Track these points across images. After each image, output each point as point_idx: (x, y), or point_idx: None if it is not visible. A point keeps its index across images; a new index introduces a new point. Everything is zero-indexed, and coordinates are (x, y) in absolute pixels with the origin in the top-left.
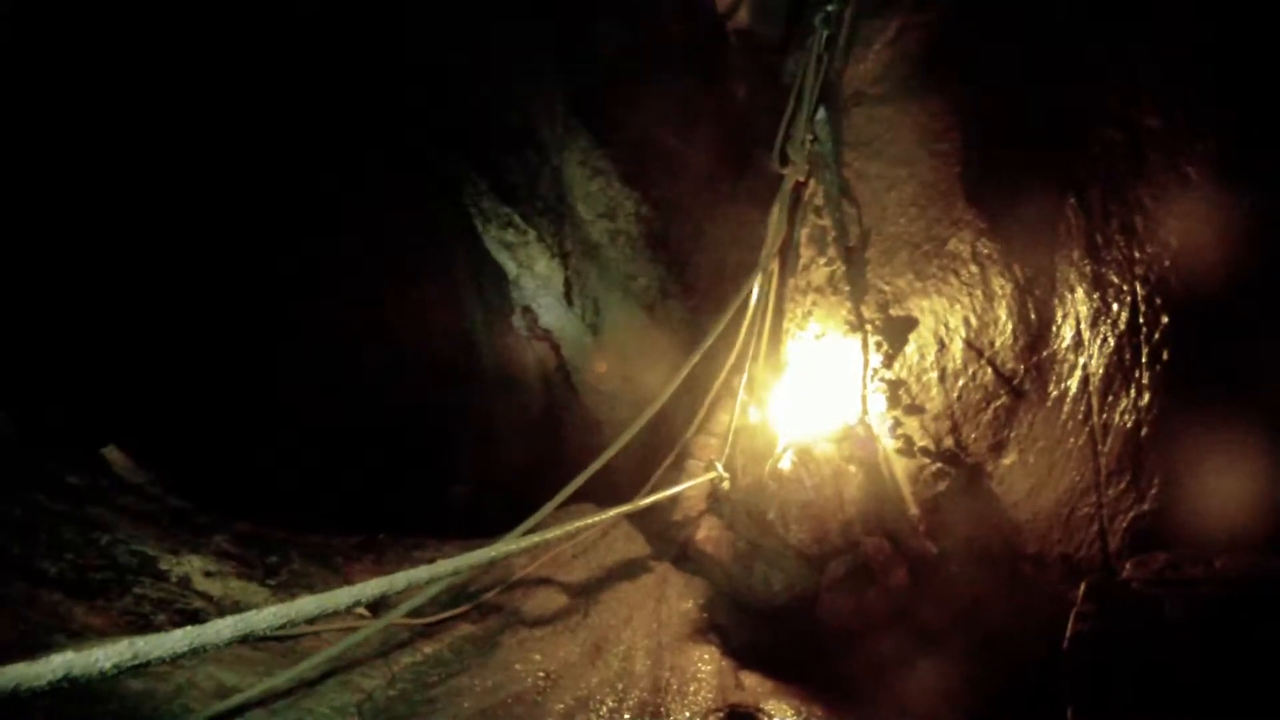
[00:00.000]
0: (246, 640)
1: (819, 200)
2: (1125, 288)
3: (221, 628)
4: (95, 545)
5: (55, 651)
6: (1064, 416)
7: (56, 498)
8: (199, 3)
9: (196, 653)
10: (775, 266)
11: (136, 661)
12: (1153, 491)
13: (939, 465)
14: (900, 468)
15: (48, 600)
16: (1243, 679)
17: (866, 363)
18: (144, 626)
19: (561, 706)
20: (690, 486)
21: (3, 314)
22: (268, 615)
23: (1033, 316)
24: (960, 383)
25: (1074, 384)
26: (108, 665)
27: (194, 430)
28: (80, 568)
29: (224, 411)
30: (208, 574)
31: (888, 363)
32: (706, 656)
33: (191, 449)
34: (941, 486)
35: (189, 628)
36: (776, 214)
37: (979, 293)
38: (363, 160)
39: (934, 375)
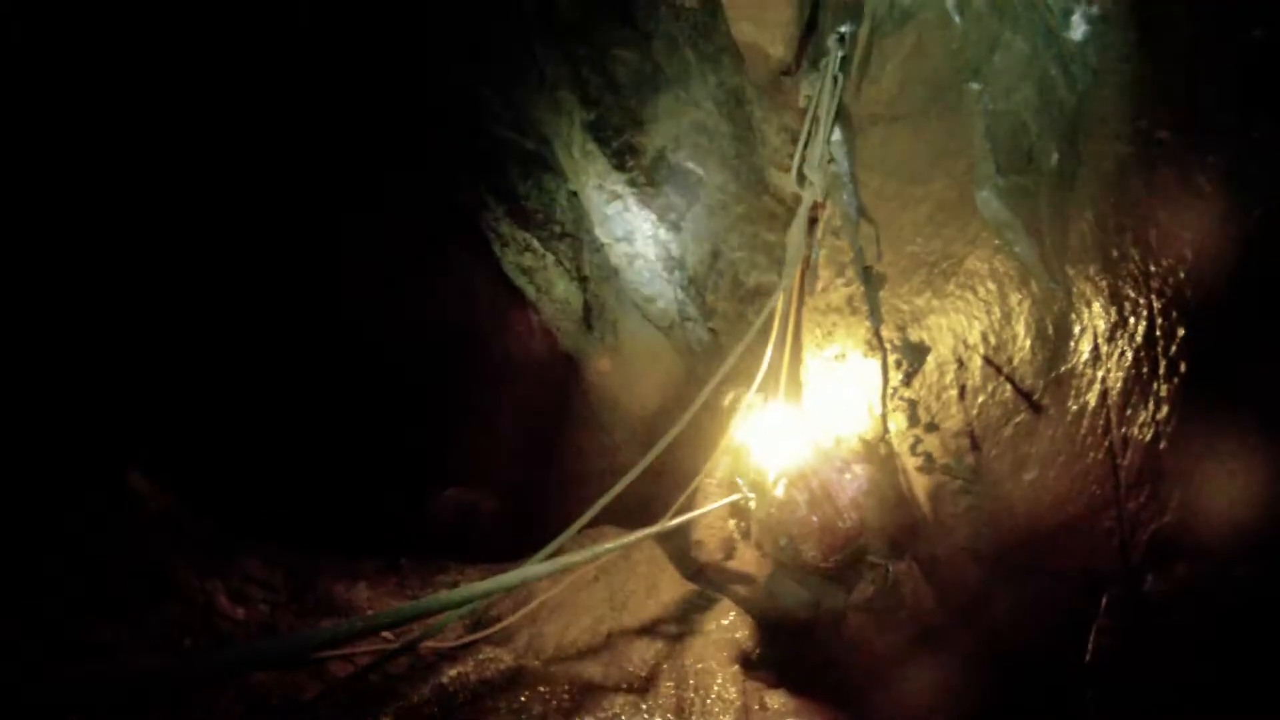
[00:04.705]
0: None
1: (836, 221)
2: (1141, 301)
3: (246, 651)
4: (122, 569)
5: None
6: (1083, 431)
7: (82, 521)
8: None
9: (231, 673)
10: (795, 287)
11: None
12: (1172, 503)
13: (960, 482)
14: (921, 485)
15: (78, 622)
16: (1266, 688)
17: (886, 381)
18: (173, 649)
19: None
20: (716, 507)
21: (28, 335)
22: (296, 640)
23: (1050, 332)
24: (980, 400)
25: (1092, 398)
26: None
27: (212, 452)
28: (108, 591)
29: (242, 434)
30: (233, 598)
31: (907, 381)
32: (730, 677)
33: (210, 471)
34: (963, 504)
35: (224, 651)
36: (794, 235)
37: (997, 309)
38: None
39: (953, 393)
